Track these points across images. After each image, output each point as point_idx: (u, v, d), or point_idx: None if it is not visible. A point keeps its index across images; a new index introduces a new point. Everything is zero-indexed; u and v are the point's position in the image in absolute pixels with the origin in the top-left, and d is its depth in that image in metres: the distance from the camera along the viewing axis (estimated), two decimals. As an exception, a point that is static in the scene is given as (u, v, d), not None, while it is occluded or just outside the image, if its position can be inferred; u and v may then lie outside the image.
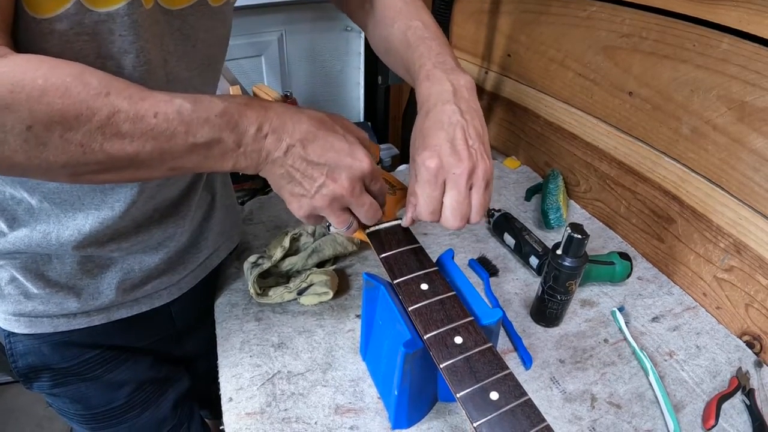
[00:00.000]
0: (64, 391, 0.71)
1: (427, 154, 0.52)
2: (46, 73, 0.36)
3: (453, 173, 0.52)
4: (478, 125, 0.55)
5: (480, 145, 0.54)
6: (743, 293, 0.76)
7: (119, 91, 0.39)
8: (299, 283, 0.77)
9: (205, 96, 0.44)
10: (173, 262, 0.71)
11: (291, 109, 0.49)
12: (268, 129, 0.47)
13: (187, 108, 0.42)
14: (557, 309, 0.74)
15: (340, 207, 0.51)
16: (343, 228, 0.54)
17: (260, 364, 0.68)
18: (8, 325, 0.64)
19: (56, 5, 0.38)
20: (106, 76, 0.39)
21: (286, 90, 1.41)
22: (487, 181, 0.54)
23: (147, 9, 0.45)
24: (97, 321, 0.67)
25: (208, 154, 0.44)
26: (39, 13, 0.39)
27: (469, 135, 0.53)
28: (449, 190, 0.53)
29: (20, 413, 1.70)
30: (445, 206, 0.53)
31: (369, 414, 0.63)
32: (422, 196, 0.53)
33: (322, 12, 1.53)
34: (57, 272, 0.61)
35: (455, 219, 0.53)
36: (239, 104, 0.45)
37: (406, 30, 0.62)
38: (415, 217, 0.56)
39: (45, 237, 0.56)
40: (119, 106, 0.38)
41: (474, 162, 0.53)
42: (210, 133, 0.43)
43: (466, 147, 0.52)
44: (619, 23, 0.88)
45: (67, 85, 0.36)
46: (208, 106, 0.43)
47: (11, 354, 0.67)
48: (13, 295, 0.61)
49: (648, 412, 0.65)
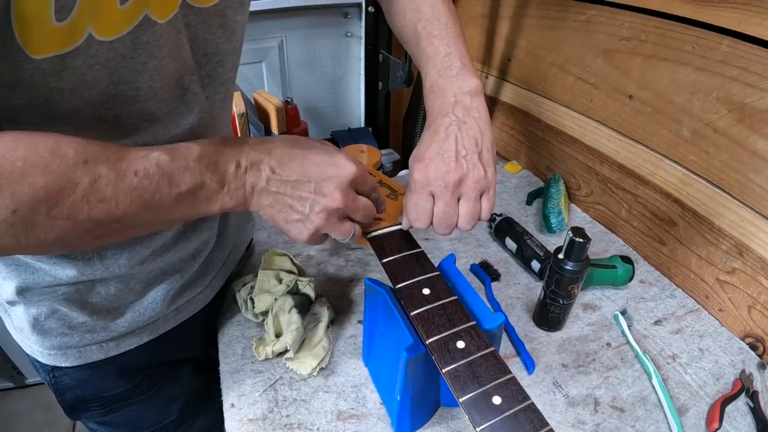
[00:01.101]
0: (116, 417, 0.68)
1: (416, 166, 0.56)
2: (24, 154, 0.34)
3: (438, 185, 0.54)
4: (476, 133, 0.55)
5: (474, 155, 0.54)
6: (746, 295, 0.76)
7: (95, 156, 0.38)
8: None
9: (180, 144, 0.44)
10: (205, 265, 0.69)
11: (264, 139, 0.50)
12: (246, 163, 0.47)
13: (165, 159, 0.41)
14: (559, 313, 0.73)
15: (338, 219, 0.51)
16: (347, 238, 0.53)
17: (262, 370, 0.68)
18: (53, 360, 0.60)
19: (68, 42, 0.37)
20: (80, 142, 0.38)
21: (286, 96, 1.41)
22: (481, 190, 0.55)
23: (161, 24, 0.43)
24: (146, 338, 0.64)
25: (194, 201, 0.44)
26: (48, 52, 0.37)
27: (462, 145, 0.54)
28: (436, 200, 0.55)
29: (21, 419, 1.70)
30: (434, 215, 0.56)
31: (371, 420, 0.63)
32: (410, 207, 0.57)
33: (322, 18, 1.54)
34: (101, 296, 0.58)
35: (440, 228, 0.56)
36: (214, 144, 0.45)
37: (416, 23, 0.62)
38: (407, 226, 0.59)
39: (88, 264, 0.54)
40: (99, 172, 0.38)
41: (463, 172, 0.54)
42: (192, 179, 0.43)
43: (455, 158, 0.54)
44: (619, 26, 0.88)
45: (46, 161, 0.35)
46: (185, 154, 0.43)
47: (57, 388, 0.64)
48: (55, 329, 0.58)
49: (651, 415, 0.64)
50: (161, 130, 0.50)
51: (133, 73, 0.44)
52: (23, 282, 0.54)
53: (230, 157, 0.46)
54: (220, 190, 0.45)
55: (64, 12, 0.35)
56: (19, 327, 0.59)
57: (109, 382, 0.65)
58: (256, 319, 0.75)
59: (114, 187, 0.38)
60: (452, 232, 0.57)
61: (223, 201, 0.46)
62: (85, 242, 0.41)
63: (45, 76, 0.37)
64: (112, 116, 0.45)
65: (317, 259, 0.90)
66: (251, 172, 0.47)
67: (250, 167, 0.47)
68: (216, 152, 0.45)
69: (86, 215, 0.37)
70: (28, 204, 0.34)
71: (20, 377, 1.75)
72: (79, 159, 0.37)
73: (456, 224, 0.56)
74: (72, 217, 0.37)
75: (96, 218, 0.38)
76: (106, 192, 0.38)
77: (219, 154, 0.45)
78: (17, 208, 0.34)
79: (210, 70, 0.54)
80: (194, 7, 0.47)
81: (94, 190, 0.37)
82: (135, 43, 0.42)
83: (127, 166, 0.39)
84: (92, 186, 0.37)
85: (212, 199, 0.45)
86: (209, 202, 0.45)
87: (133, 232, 0.43)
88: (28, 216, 0.35)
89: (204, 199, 0.45)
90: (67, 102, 0.40)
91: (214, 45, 0.52)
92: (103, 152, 0.38)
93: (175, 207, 0.43)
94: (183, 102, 0.51)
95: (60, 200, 0.36)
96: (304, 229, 0.50)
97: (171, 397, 0.72)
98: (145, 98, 0.46)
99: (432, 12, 0.61)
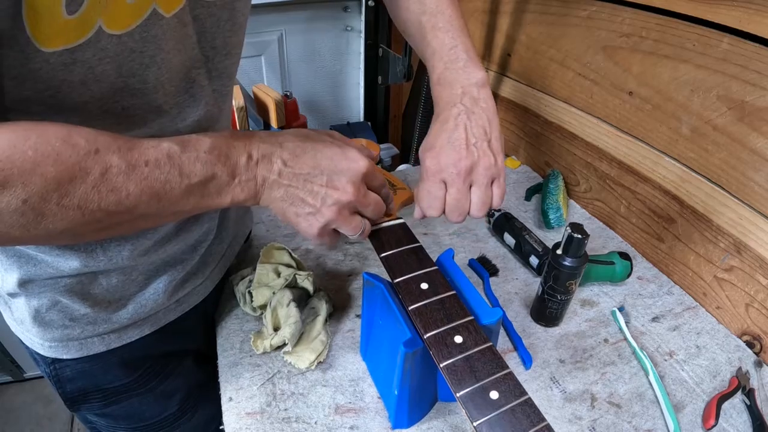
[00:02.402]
0: (117, 409, 0.68)
1: (427, 154, 0.56)
2: (35, 143, 0.34)
3: (450, 172, 0.55)
4: (485, 122, 0.56)
5: (484, 143, 0.55)
6: (743, 293, 0.76)
7: (107, 146, 0.38)
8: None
9: (191, 135, 0.44)
10: (205, 257, 0.69)
11: (274, 132, 0.50)
12: (258, 155, 0.46)
13: (176, 150, 0.41)
14: (557, 309, 0.73)
15: (349, 213, 0.51)
16: (357, 233, 0.53)
17: (260, 363, 0.68)
18: (54, 352, 0.60)
19: (79, 34, 0.37)
20: (91, 132, 0.38)
21: (286, 90, 1.41)
22: (492, 177, 0.55)
23: (168, 17, 0.43)
24: (148, 330, 0.64)
25: (204, 192, 0.44)
26: (58, 45, 0.36)
27: (472, 133, 0.55)
28: (449, 188, 0.56)
29: (20, 412, 1.70)
30: (446, 203, 0.56)
31: (369, 414, 0.63)
32: (422, 195, 0.57)
33: (321, 12, 1.54)
34: (103, 288, 0.58)
35: (453, 215, 0.57)
36: (225, 137, 0.45)
37: (420, 15, 0.62)
38: (420, 215, 0.59)
39: (91, 255, 0.54)
40: (110, 162, 0.37)
41: (474, 159, 0.54)
42: (203, 170, 0.43)
43: (466, 145, 0.54)
44: (619, 23, 0.88)
45: (57, 150, 0.35)
46: (196, 145, 0.43)
47: (57, 381, 0.63)
48: (56, 320, 0.58)
49: (648, 411, 0.65)
50: (168, 123, 0.50)
51: (141, 67, 0.43)
52: (25, 274, 0.54)
53: (241, 149, 0.45)
54: (231, 182, 0.45)
55: (75, 4, 0.35)
56: (19, 319, 0.59)
57: (110, 374, 0.65)
58: (254, 312, 0.75)
59: (125, 176, 0.38)
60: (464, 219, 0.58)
61: (234, 193, 0.46)
62: (94, 233, 0.41)
63: (54, 69, 0.37)
64: (120, 108, 0.45)
65: (316, 253, 0.90)
66: (263, 164, 0.47)
67: (262, 159, 0.47)
68: (227, 144, 0.45)
69: (97, 205, 0.37)
70: (39, 193, 0.34)
71: (19, 371, 1.75)
72: (91, 149, 0.37)
73: (468, 211, 0.57)
74: (82, 206, 0.37)
75: (106, 208, 0.38)
76: (116, 182, 0.38)
77: (230, 146, 0.45)
78: (28, 197, 0.34)
79: (217, 63, 0.54)
80: (203, 0, 0.47)
81: (105, 179, 0.37)
82: (144, 36, 0.42)
83: (138, 156, 0.39)
84: (103, 176, 0.37)
85: (223, 191, 0.45)
86: (220, 194, 0.45)
87: (143, 224, 0.43)
88: (39, 205, 0.35)
89: (215, 190, 0.44)
90: (76, 94, 0.40)
91: (222, 38, 0.52)
92: (115, 142, 0.38)
93: (185, 198, 0.43)
94: (190, 95, 0.51)
95: (71, 190, 0.36)
96: (315, 222, 0.50)
97: (172, 390, 0.72)
98: (152, 91, 0.46)
99: (436, 5, 0.61)
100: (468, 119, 0.55)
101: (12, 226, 0.35)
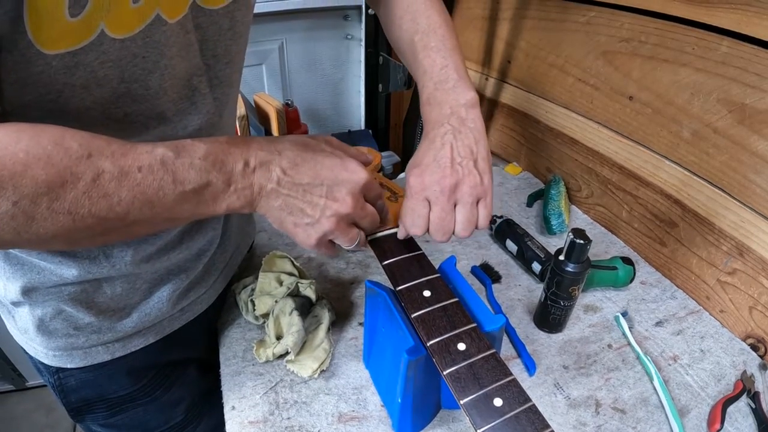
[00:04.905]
0: (121, 419, 0.68)
1: (412, 172, 0.56)
2: (27, 145, 0.34)
3: (434, 190, 0.54)
4: (471, 142, 0.56)
5: (470, 162, 0.55)
6: (747, 296, 0.76)
7: (100, 150, 0.37)
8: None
9: (186, 141, 0.43)
10: (209, 266, 0.69)
11: (273, 139, 0.49)
12: (255, 162, 0.46)
13: (170, 156, 0.41)
14: (560, 315, 0.73)
15: (346, 225, 0.51)
16: (353, 245, 0.53)
17: (263, 372, 0.68)
18: (58, 361, 0.60)
19: (81, 37, 0.37)
20: (85, 135, 0.37)
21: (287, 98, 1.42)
22: (478, 196, 0.55)
23: (171, 24, 0.44)
24: (152, 339, 0.64)
25: (199, 200, 0.43)
26: (60, 48, 0.37)
27: (458, 152, 0.55)
28: (432, 206, 0.55)
29: (22, 421, 1.70)
30: (430, 221, 0.55)
31: (372, 422, 0.62)
32: (406, 213, 0.56)
33: (322, 20, 1.54)
34: (108, 296, 0.58)
35: (437, 234, 0.56)
36: (222, 143, 0.44)
37: (413, 35, 0.61)
38: (404, 234, 0.58)
39: (94, 262, 0.54)
40: (102, 167, 0.37)
41: (458, 178, 0.54)
42: (197, 177, 0.42)
43: (451, 164, 0.54)
44: (619, 28, 0.88)
45: (49, 153, 0.34)
46: (190, 151, 0.42)
47: (61, 390, 0.63)
48: (60, 329, 0.57)
49: (653, 417, 0.64)
50: (169, 130, 0.50)
51: (143, 72, 0.43)
52: (28, 282, 0.53)
53: (238, 155, 0.45)
54: (226, 190, 0.44)
55: (78, 6, 0.35)
56: (23, 328, 0.59)
57: (114, 384, 0.65)
58: (256, 321, 0.75)
59: (117, 182, 0.38)
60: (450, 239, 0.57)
61: (229, 201, 0.45)
62: (88, 238, 0.40)
63: (56, 72, 0.37)
64: (122, 114, 0.45)
65: (318, 261, 0.90)
66: (260, 172, 0.46)
67: (260, 167, 0.46)
68: (223, 151, 0.44)
69: (88, 210, 0.37)
70: (30, 196, 0.34)
71: (21, 379, 1.75)
72: (83, 153, 0.36)
73: (453, 231, 0.56)
74: (73, 211, 0.36)
75: (97, 214, 0.38)
76: (108, 188, 0.37)
77: (226, 153, 0.44)
78: (18, 200, 0.34)
79: (218, 71, 0.54)
80: (204, 8, 0.48)
81: (97, 185, 0.37)
82: (146, 42, 0.42)
83: (131, 162, 0.39)
84: (95, 181, 0.37)
85: (218, 198, 0.44)
86: (215, 201, 0.44)
87: (138, 230, 0.43)
88: (29, 208, 0.35)
89: (210, 198, 0.44)
90: (77, 99, 0.40)
91: (224, 46, 0.52)
92: (108, 147, 0.38)
93: (179, 205, 0.42)
94: (191, 102, 0.51)
95: (62, 194, 0.35)
96: (313, 233, 0.49)
97: (176, 399, 0.72)
98: (154, 97, 0.46)
99: (428, 24, 0.61)
100: (454, 138, 0.55)
101: (2, 229, 0.35)
